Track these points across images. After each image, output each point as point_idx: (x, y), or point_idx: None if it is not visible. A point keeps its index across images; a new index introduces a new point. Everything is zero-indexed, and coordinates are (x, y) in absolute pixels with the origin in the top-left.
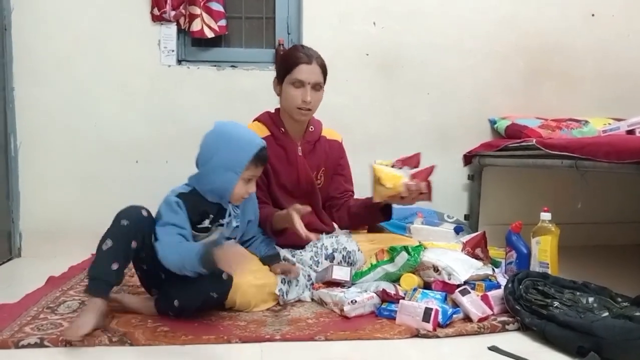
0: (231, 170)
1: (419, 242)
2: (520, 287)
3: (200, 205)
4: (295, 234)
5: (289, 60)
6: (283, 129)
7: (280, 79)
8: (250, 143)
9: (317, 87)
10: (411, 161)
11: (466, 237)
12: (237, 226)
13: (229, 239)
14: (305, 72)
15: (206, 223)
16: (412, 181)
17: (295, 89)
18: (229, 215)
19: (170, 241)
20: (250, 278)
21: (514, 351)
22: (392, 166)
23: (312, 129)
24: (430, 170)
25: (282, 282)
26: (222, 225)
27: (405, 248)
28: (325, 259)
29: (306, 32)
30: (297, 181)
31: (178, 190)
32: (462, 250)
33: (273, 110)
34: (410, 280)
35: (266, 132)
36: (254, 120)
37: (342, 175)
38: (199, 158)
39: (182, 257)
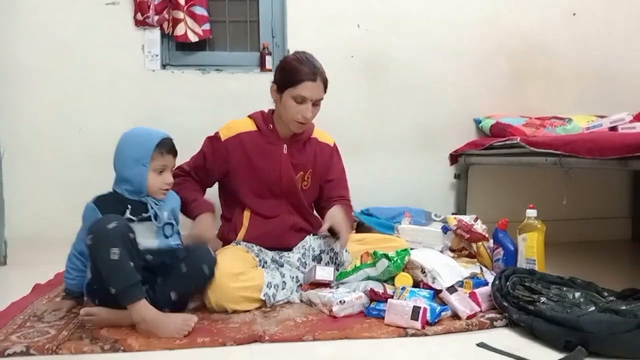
0: (139, 162)
1: (409, 248)
2: (508, 283)
3: (119, 202)
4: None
5: (293, 75)
6: (271, 126)
7: (281, 89)
8: (151, 135)
9: (318, 102)
10: None
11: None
12: (169, 223)
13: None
14: (310, 89)
15: (127, 214)
16: None
17: (297, 104)
18: (152, 207)
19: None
20: (231, 282)
21: (502, 347)
22: None
23: None
24: None
25: (267, 286)
26: (148, 219)
27: (386, 255)
28: (313, 260)
29: (290, 34)
30: (278, 179)
31: (98, 195)
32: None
33: (267, 110)
34: (404, 280)
35: (253, 128)
36: (247, 117)
37: (332, 181)
38: (115, 166)
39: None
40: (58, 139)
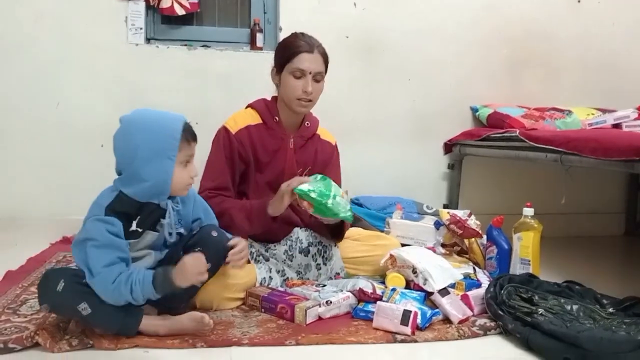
0: (164, 156)
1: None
2: (502, 292)
3: (128, 209)
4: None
5: (289, 49)
6: (277, 119)
7: (279, 68)
8: (171, 120)
9: (319, 77)
10: None
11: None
12: (178, 233)
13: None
14: (307, 61)
15: (134, 226)
16: None
17: (296, 79)
18: (169, 215)
19: (111, 274)
20: (215, 280)
21: (495, 357)
22: None
23: (307, 124)
24: None
25: (260, 283)
26: (156, 230)
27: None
28: (300, 252)
29: (283, 11)
30: (281, 174)
31: (105, 203)
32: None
33: (269, 98)
34: (397, 281)
35: (258, 120)
36: (247, 107)
37: None
38: (120, 163)
39: (132, 290)
40: (34, 115)
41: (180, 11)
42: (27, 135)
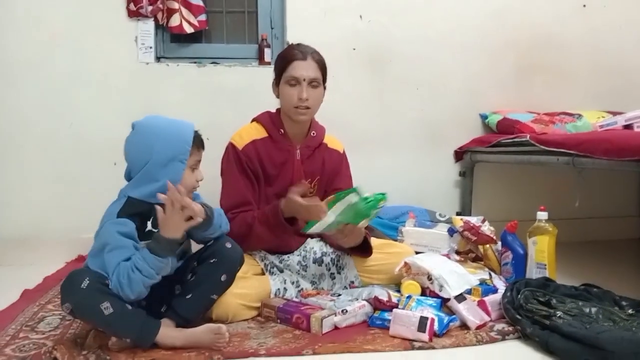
0: (176, 160)
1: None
2: (519, 296)
3: (140, 209)
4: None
5: (283, 59)
6: (282, 131)
7: (277, 80)
8: (184, 127)
9: (315, 83)
10: None
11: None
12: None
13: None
14: (300, 68)
15: (149, 226)
16: None
17: (291, 88)
18: None
19: (122, 270)
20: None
21: None
22: None
23: (314, 134)
24: None
25: (275, 294)
26: None
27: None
28: (313, 262)
29: (290, 26)
30: (289, 186)
31: (115, 210)
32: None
33: (274, 110)
34: (412, 288)
35: (264, 134)
36: (253, 121)
37: (339, 190)
38: (132, 165)
39: (141, 270)
40: (48, 133)
41: (189, 29)
42: (41, 153)
